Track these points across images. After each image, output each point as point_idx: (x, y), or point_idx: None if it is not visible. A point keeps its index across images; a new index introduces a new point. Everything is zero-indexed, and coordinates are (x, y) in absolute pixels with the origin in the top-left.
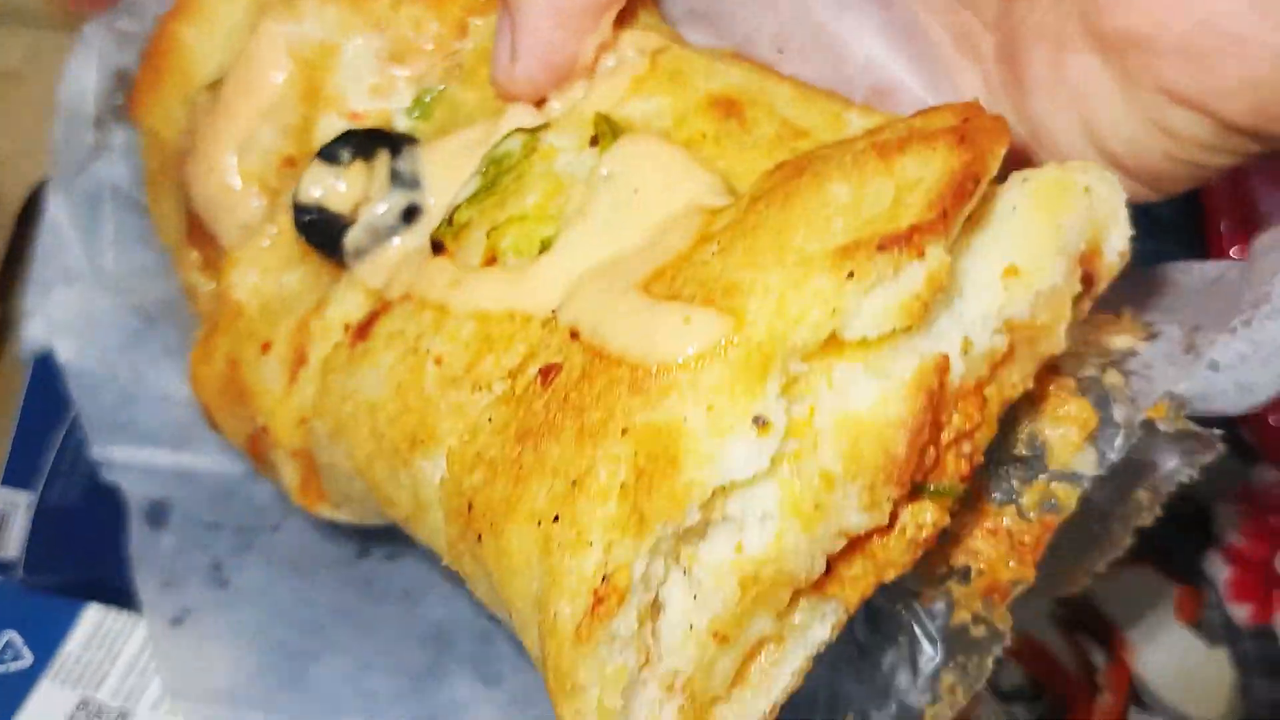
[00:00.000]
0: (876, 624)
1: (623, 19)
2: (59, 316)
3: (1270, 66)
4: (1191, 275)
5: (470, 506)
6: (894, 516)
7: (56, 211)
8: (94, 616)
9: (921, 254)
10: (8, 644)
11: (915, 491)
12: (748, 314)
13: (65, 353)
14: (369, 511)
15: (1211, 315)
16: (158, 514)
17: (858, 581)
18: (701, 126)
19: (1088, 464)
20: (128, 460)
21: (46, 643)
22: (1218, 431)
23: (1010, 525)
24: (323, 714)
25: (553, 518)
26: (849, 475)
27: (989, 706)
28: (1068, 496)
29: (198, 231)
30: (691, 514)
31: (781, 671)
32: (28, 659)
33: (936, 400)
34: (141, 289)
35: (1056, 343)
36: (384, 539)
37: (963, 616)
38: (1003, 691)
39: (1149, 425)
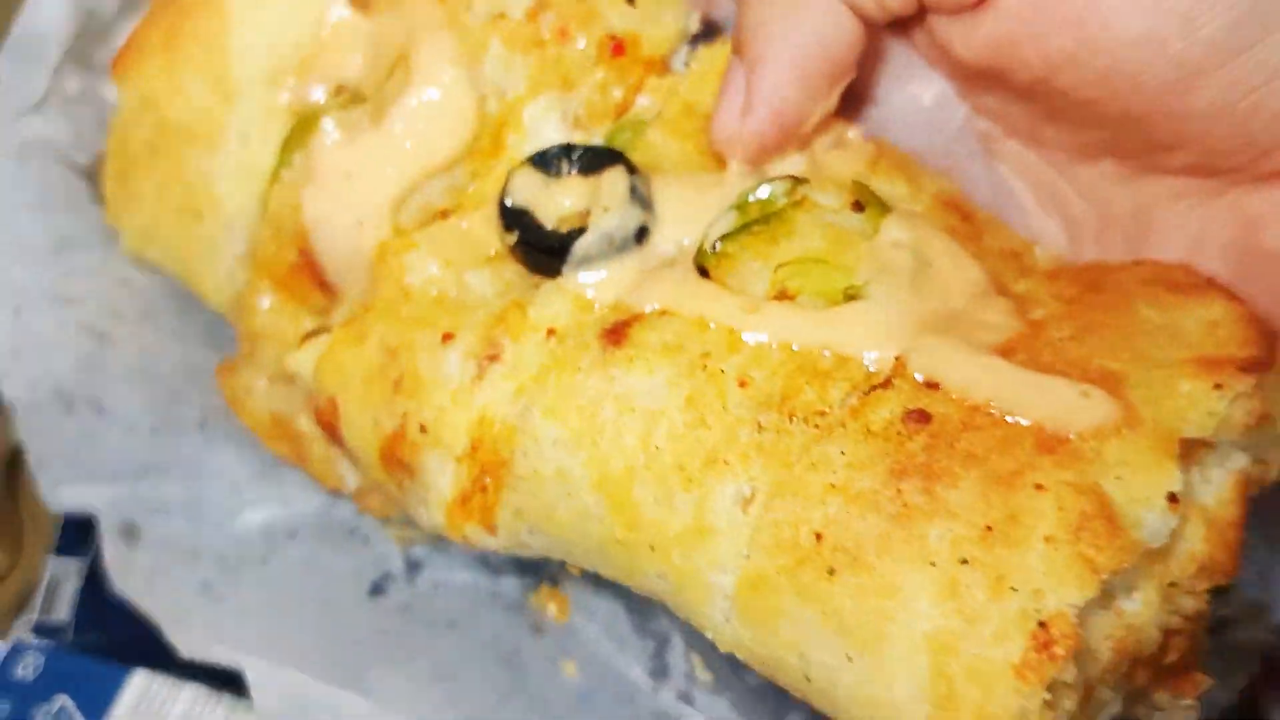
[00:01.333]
0: None
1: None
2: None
3: None
4: None
5: (819, 537)
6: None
7: None
8: (140, 681)
9: (1262, 381)
10: (61, 708)
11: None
12: (1132, 401)
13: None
14: (541, 537)
15: None
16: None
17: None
18: (948, 220)
19: None
20: None
21: (96, 706)
22: None
23: None
24: None
25: (959, 560)
26: (1203, 557)
27: None
28: None
29: (303, 274)
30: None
31: None
32: None
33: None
34: (80, 289)
35: None
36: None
37: None
38: None
39: None
